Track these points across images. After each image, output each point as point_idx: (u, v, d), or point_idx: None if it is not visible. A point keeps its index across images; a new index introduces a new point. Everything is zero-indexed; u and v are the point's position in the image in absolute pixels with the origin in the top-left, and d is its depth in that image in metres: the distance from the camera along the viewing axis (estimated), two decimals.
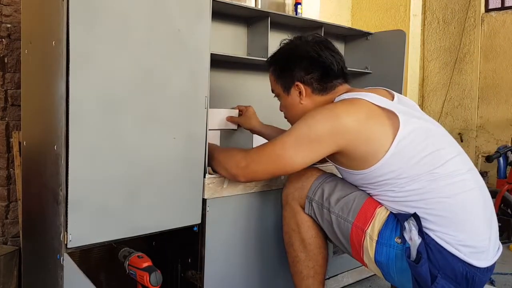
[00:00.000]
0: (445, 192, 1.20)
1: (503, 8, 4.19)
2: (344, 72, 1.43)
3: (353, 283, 1.95)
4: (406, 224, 1.22)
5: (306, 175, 1.44)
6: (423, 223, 1.21)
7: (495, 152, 3.05)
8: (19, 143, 1.76)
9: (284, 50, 1.48)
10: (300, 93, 1.41)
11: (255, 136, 1.97)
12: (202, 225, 1.44)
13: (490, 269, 1.23)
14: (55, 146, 1.19)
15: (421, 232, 1.20)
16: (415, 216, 1.21)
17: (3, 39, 1.80)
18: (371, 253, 1.27)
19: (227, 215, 1.50)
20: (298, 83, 1.40)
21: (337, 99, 1.36)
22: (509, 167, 3.12)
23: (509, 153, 3.09)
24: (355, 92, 1.36)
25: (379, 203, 1.32)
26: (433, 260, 1.18)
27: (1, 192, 1.83)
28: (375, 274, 1.69)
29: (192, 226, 1.44)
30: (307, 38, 1.45)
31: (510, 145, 3.20)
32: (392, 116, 1.24)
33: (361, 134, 1.22)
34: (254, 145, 1.98)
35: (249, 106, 1.86)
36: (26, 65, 1.43)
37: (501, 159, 3.07)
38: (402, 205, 1.25)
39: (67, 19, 1.12)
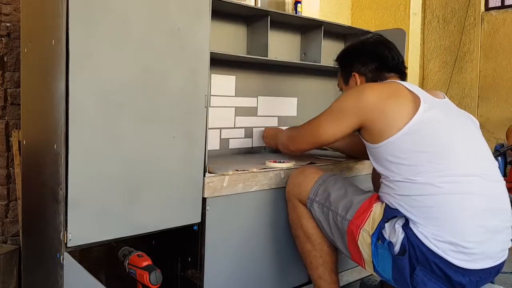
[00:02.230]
0: (440, 188, 1.21)
1: (503, 6, 4.19)
2: (399, 69, 1.54)
3: (353, 282, 1.95)
4: (386, 224, 1.28)
5: (305, 173, 1.52)
6: (409, 215, 1.24)
7: (494, 151, 3.05)
8: (19, 142, 1.76)
9: (346, 49, 1.72)
10: (356, 82, 1.57)
11: None
12: (202, 224, 1.44)
13: (482, 272, 1.21)
14: (55, 145, 1.19)
15: (405, 227, 1.24)
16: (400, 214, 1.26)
17: (2, 38, 1.80)
18: (368, 251, 1.31)
19: (227, 214, 1.50)
20: (355, 73, 1.57)
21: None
22: (508, 166, 3.12)
23: (508, 152, 3.09)
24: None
25: (377, 201, 1.35)
26: (411, 252, 1.22)
27: (0, 191, 1.83)
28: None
29: (192, 225, 1.44)
30: (368, 37, 1.64)
31: (505, 143, 3.20)
32: (417, 101, 1.30)
33: (379, 110, 1.31)
34: None
35: None
36: (25, 64, 1.43)
37: (500, 158, 3.07)
38: (402, 194, 1.27)
39: (67, 18, 1.12)
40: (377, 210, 1.32)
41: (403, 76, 1.55)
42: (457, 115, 1.38)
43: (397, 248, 1.24)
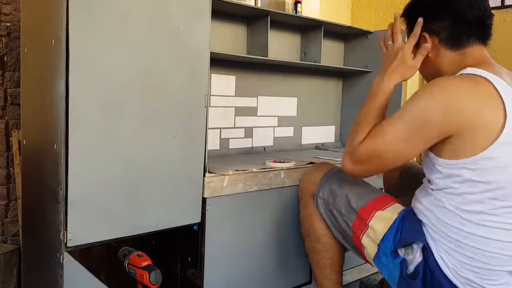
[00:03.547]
0: (486, 231, 1.08)
1: (503, 7, 4.18)
2: (482, 26, 1.18)
3: (352, 282, 1.95)
4: (406, 247, 1.18)
5: (319, 168, 1.47)
6: (435, 236, 1.14)
7: None
8: (19, 142, 1.76)
9: (413, 1, 1.30)
10: (429, 47, 1.22)
11: None
12: (202, 224, 1.44)
13: None
14: (55, 145, 1.19)
15: (425, 251, 1.15)
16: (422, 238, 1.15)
17: (2, 38, 1.80)
18: (372, 254, 1.28)
19: (227, 214, 1.50)
20: (425, 33, 1.22)
21: (461, 72, 1.13)
22: None
23: None
24: (482, 69, 1.12)
25: (384, 205, 1.28)
26: (427, 279, 1.14)
27: (0, 191, 1.83)
28: (376, 272, 1.69)
29: (192, 225, 1.44)
30: None
31: None
32: (503, 111, 1.04)
33: (475, 120, 1.04)
34: None
35: None
36: (25, 64, 1.43)
37: None
38: (444, 220, 1.13)
39: (67, 18, 1.12)
40: (386, 215, 1.25)
41: (487, 37, 1.21)
42: None
43: (411, 268, 1.16)
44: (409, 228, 1.19)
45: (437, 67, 1.24)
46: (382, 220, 1.26)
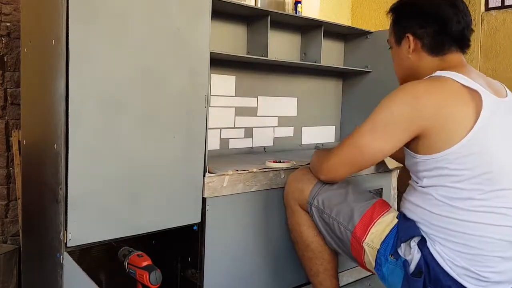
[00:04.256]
0: (478, 216, 1.11)
1: (503, 7, 4.18)
2: (463, 38, 1.26)
3: (353, 282, 1.95)
4: (402, 244, 1.20)
5: (304, 175, 1.43)
6: (428, 231, 1.17)
7: None
8: (19, 142, 1.76)
9: (404, 1, 1.37)
10: (409, 46, 1.29)
11: None
12: (202, 224, 1.44)
13: None
14: (55, 145, 1.19)
15: (421, 245, 1.16)
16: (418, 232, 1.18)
17: (2, 38, 1.80)
18: (372, 262, 1.27)
19: (227, 214, 1.50)
20: (409, 35, 1.29)
21: (430, 76, 1.21)
22: None
23: None
24: (452, 71, 1.19)
25: (382, 211, 1.29)
26: (425, 272, 1.15)
27: (0, 191, 1.83)
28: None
29: (192, 225, 1.44)
30: None
31: None
32: (476, 99, 1.11)
33: (439, 119, 1.11)
34: None
35: None
36: (25, 64, 1.43)
37: None
38: (432, 211, 1.16)
39: (67, 17, 1.12)
40: (384, 222, 1.26)
41: (465, 45, 1.28)
42: None
43: (412, 267, 1.16)
44: (404, 227, 1.21)
45: (414, 68, 1.30)
46: (381, 225, 1.26)
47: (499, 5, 4.22)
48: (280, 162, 1.65)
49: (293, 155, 2.05)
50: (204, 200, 1.43)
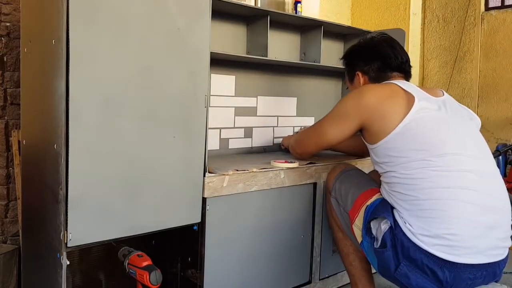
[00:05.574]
0: (431, 182, 1.25)
1: (503, 6, 4.18)
2: (403, 68, 1.56)
3: None
4: (372, 222, 1.36)
5: (334, 169, 1.66)
6: (399, 209, 1.29)
7: (495, 151, 3.05)
8: (19, 142, 1.76)
9: (351, 47, 1.73)
10: (360, 81, 1.61)
11: None
12: (202, 224, 1.44)
13: (474, 268, 1.20)
14: (55, 145, 1.19)
15: (392, 222, 1.29)
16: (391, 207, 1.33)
17: (2, 38, 1.80)
18: (359, 239, 1.43)
19: (227, 214, 1.50)
20: (358, 72, 1.61)
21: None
22: (508, 166, 3.12)
23: (508, 152, 3.08)
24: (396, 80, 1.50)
25: (371, 195, 1.43)
26: (398, 248, 1.25)
27: (0, 191, 1.83)
28: (374, 273, 1.70)
29: (192, 225, 1.44)
30: (373, 36, 1.67)
31: (509, 143, 3.20)
32: (411, 100, 1.34)
33: (378, 111, 1.36)
34: None
35: None
36: (25, 63, 1.43)
37: (500, 158, 3.07)
38: (395, 190, 1.33)
39: (67, 17, 1.12)
40: (369, 202, 1.41)
41: (407, 75, 1.57)
42: (455, 113, 1.39)
43: (379, 241, 1.31)
44: (379, 208, 1.37)
45: None
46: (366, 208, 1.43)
47: (499, 5, 4.22)
48: (290, 162, 1.67)
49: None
50: (204, 200, 1.43)
